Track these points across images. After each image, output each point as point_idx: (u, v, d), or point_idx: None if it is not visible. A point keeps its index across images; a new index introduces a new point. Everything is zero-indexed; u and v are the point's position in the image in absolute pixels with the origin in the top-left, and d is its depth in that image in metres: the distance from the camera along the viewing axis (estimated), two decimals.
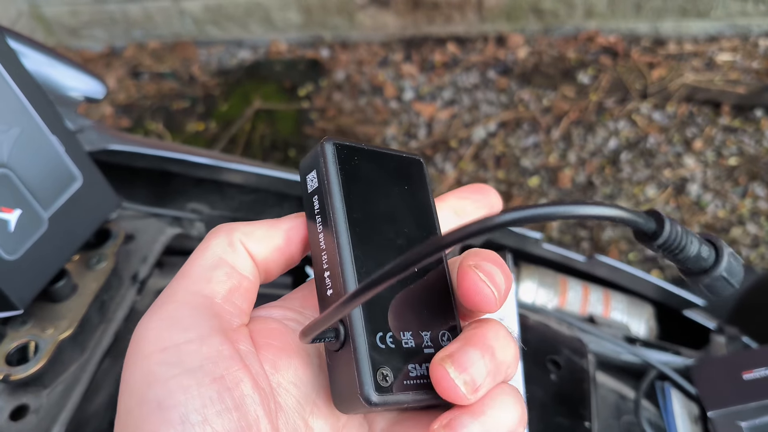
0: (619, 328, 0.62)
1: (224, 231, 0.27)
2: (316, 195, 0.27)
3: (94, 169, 0.50)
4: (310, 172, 0.28)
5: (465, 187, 0.31)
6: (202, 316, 0.24)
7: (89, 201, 0.49)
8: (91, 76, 0.60)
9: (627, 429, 0.55)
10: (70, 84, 0.59)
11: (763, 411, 0.54)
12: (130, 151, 0.57)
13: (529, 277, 0.63)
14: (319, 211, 0.27)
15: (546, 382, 0.51)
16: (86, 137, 0.58)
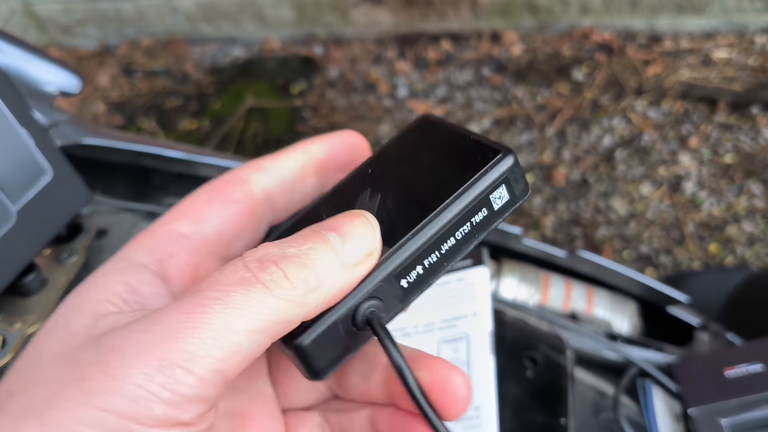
0: (601, 325, 0.61)
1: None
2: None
3: (65, 163, 0.49)
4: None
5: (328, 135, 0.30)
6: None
7: (59, 195, 0.48)
8: (66, 70, 0.59)
9: (605, 426, 0.54)
10: (45, 78, 0.59)
11: (744, 407, 0.53)
12: (104, 145, 0.56)
13: (510, 273, 0.62)
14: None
15: (522, 379, 0.50)
16: (60, 131, 0.57)
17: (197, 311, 0.19)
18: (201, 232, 0.25)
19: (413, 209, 0.24)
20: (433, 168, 0.25)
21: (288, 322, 0.20)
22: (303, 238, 0.22)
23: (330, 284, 0.21)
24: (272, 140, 1.90)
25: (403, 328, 0.49)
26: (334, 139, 0.29)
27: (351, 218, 0.23)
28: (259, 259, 0.20)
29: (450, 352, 0.46)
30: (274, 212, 0.28)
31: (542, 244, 0.61)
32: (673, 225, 1.54)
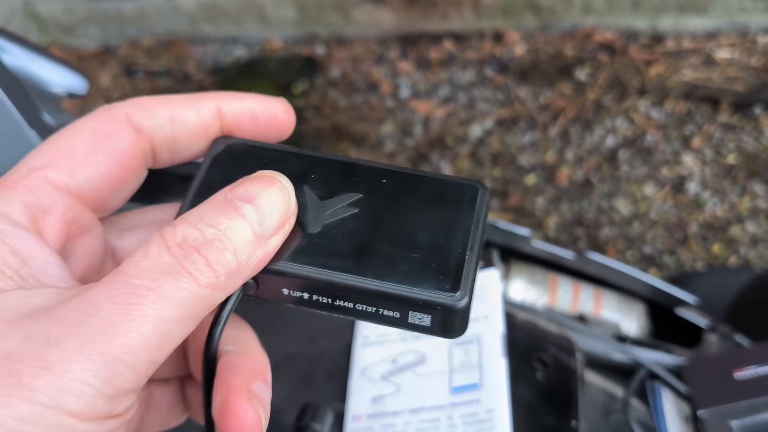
0: (609, 327, 0.61)
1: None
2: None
3: None
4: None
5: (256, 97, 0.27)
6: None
7: None
8: (73, 71, 0.59)
9: (616, 428, 0.54)
10: (52, 79, 0.58)
11: (754, 409, 0.53)
12: None
13: (518, 275, 0.62)
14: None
15: (532, 381, 0.50)
16: None
17: (133, 302, 0.19)
18: (77, 186, 0.23)
19: (366, 259, 0.23)
20: (407, 221, 0.25)
21: (211, 306, 0.21)
22: (218, 213, 0.21)
23: (248, 264, 0.21)
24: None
25: None
26: (257, 104, 0.26)
27: (266, 185, 0.22)
28: (180, 244, 0.20)
29: (461, 355, 0.46)
30: (155, 163, 0.26)
31: (550, 246, 0.61)
32: (677, 225, 1.54)
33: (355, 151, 1.82)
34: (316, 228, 0.24)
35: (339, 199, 0.25)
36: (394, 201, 0.25)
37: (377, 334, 0.50)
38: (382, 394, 0.46)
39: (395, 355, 0.48)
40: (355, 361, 0.48)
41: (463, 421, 0.43)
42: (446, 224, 0.24)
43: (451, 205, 0.25)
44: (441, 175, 0.26)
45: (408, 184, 0.25)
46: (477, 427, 0.43)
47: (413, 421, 0.44)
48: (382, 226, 0.24)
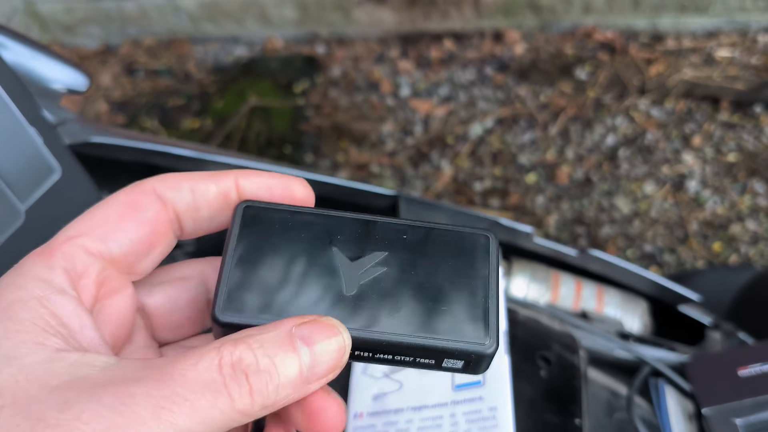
0: (612, 324, 0.61)
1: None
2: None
3: (74, 162, 0.49)
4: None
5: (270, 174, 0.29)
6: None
7: (68, 193, 0.48)
8: (73, 68, 0.59)
9: (619, 426, 0.53)
10: (53, 76, 0.58)
11: (759, 407, 0.53)
12: (112, 143, 0.56)
13: (520, 272, 0.62)
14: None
15: (536, 379, 0.50)
16: (68, 130, 0.57)
17: (166, 407, 0.20)
18: (109, 252, 0.25)
19: (402, 316, 0.25)
20: (441, 284, 0.27)
21: (235, 425, 0.22)
22: (278, 345, 0.22)
23: (282, 402, 0.22)
24: (275, 139, 1.90)
25: None
26: (273, 180, 0.28)
27: (328, 334, 0.23)
28: (233, 365, 0.21)
29: None
30: (182, 233, 0.27)
31: (553, 243, 0.60)
32: (677, 224, 1.53)
33: (356, 149, 1.82)
34: (352, 290, 0.26)
35: (368, 258, 0.26)
36: (417, 256, 0.27)
37: None
38: (384, 391, 0.46)
39: None
40: None
41: (466, 419, 0.43)
42: (466, 275, 0.27)
43: (468, 255, 0.27)
44: (455, 226, 0.28)
45: (426, 238, 0.27)
46: (480, 424, 0.42)
47: (416, 419, 0.44)
48: (410, 282, 0.26)
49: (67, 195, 0.48)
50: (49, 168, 0.47)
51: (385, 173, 1.75)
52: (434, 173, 1.72)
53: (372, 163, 1.78)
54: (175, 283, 0.28)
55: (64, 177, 0.48)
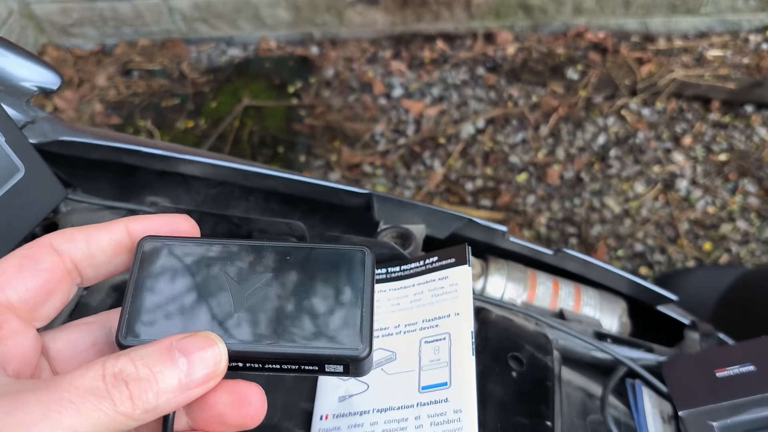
0: (590, 324, 0.60)
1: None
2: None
3: (39, 160, 0.48)
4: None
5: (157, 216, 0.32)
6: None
7: (33, 192, 0.47)
8: (44, 66, 0.58)
9: (593, 428, 0.53)
10: (23, 74, 0.58)
11: (736, 410, 0.52)
12: (82, 141, 0.55)
13: (497, 272, 0.61)
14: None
15: (506, 380, 0.49)
16: (38, 128, 0.56)
17: (54, 409, 0.23)
18: (7, 298, 0.27)
19: (286, 329, 0.28)
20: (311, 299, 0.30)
21: (122, 430, 0.24)
22: (157, 358, 0.25)
23: (166, 405, 0.25)
24: (268, 139, 1.90)
25: (385, 327, 0.48)
26: (160, 221, 0.31)
27: (203, 346, 0.26)
28: (116, 374, 0.24)
29: (431, 353, 0.45)
30: (83, 280, 0.30)
31: (528, 243, 0.60)
32: (668, 223, 1.53)
33: (348, 150, 1.81)
34: (239, 309, 0.29)
35: (254, 280, 0.30)
36: (300, 275, 0.30)
37: None
38: (351, 393, 0.46)
39: None
40: None
41: (431, 421, 0.42)
42: (344, 288, 0.30)
43: (346, 270, 0.30)
44: (334, 246, 0.31)
45: (308, 258, 0.31)
46: (444, 427, 0.42)
47: (380, 421, 0.43)
48: (292, 298, 0.29)
49: (32, 194, 0.47)
50: (12, 166, 0.47)
51: (378, 173, 1.75)
52: (426, 173, 1.72)
53: (364, 163, 1.77)
54: (78, 327, 0.30)
55: (27, 175, 0.47)
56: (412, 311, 0.49)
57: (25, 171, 0.47)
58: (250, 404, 0.28)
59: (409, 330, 0.48)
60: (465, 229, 0.59)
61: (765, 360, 0.53)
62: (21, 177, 0.46)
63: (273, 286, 0.29)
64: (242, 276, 0.30)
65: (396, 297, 0.50)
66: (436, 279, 0.50)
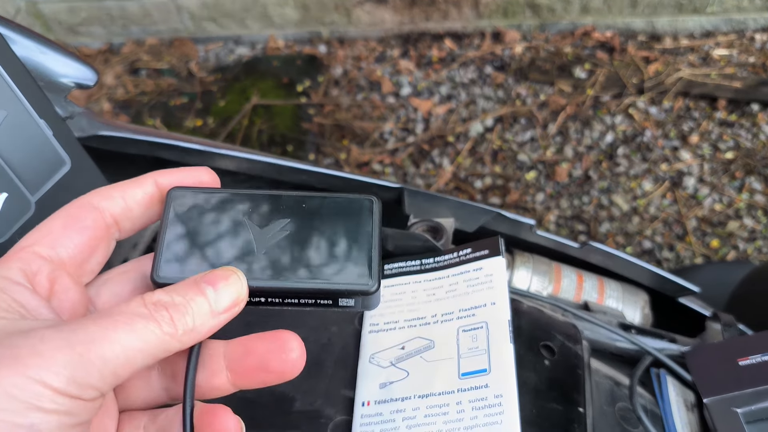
0: (613, 315, 0.62)
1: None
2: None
3: (84, 154, 0.49)
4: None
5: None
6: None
7: (78, 185, 0.49)
8: (81, 63, 0.59)
9: (622, 415, 0.54)
10: (61, 71, 0.59)
11: (759, 397, 0.53)
12: (120, 136, 0.57)
13: (523, 265, 0.62)
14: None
15: (539, 368, 0.50)
16: (77, 123, 0.57)
17: (110, 328, 0.26)
18: (58, 256, 0.30)
19: (303, 267, 0.32)
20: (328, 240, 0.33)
21: (167, 350, 0.27)
22: (189, 289, 0.29)
23: (201, 328, 0.28)
24: (277, 137, 1.91)
25: (423, 317, 0.49)
26: (184, 174, 0.34)
27: (226, 276, 0.29)
28: (155, 302, 0.27)
29: (469, 341, 0.47)
30: (121, 232, 0.33)
31: (555, 236, 0.61)
32: (675, 220, 1.54)
33: (357, 148, 1.82)
34: (261, 251, 0.32)
35: (274, 225, 0.32)
36: (314, 219, 0.33)
37: (384, 322, 0.50)
38: (391, 380, 0.47)
39: (403, 342, 0.48)
40: (364, 348, 0.49)
41: (472, 406, 0.44)
42: (354, 231, 0.33)
43: (356, 216, 0.33)
44: (345, 195, 0.34)
45: (321, 205, 0.34)
46: (486, 411, 0.43)
47: (422, 407, 0.44)
48: (308, 241, 0.32)
49: (77, 186, 0.49)
50: (59, 160, 0.48)
51: (387, 171, 1.76)
52: (435, 171, 1.73)
53: (373, 162, 1.78)
54: (118, 277, 0.33)
55: (73, 169, 0.48)
56: (448, 301, 0.50)
57: (72, 164, 0.48)
58: (291, 350, 0.30)
59: (446, 319, 0.49)
60: (493, 223, 0.61)
61: None
62: (68, 170, 0.48)
63: (290, 230, 0.32)
64: (262, 221, 0.33)
65: (432, 288, 0.51)
66: (470, 270, 0.51)
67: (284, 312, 0.51)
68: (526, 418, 0.46)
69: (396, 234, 0.53)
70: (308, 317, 0.51)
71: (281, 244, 0.32)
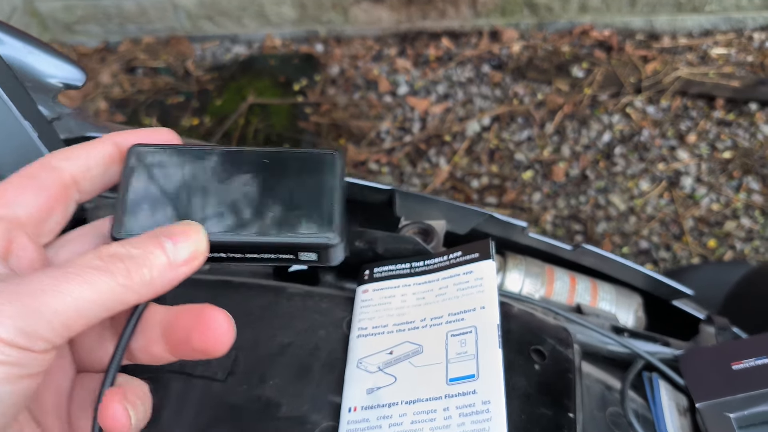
0: (606, 318, 0.61)
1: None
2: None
3: None
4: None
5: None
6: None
7: None
8: (70, 63, 0.59)
9: (613, 420, 0.54)
10: (49, 71, 0.58)
11: (753, 402, 0.53)
12: None
13: (515, 267, 0.62)
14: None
15: (529, 372, 0.50)
16: (65, 124, 0.57)
17: (62, 279, 0.26)
18: (15, 214, 0.30)
19: (265, 221, 0.31)
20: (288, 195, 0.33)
21: (123, 302, 0.27)
22: (146, 242, 0.28)
23: (159, 281, 0.28)
24: (274, 136, 1.90)
25: (412, 321, 0.49)
26: (144, 133, 0.34)
27: (185, 230, 0.29)
28: (111, 255, 0.27)
29: (458, 346, 0.46)
30: (81, 193, 0.32)
31: (547, 238, 0.60)
32: (672, 220, 1.54)
33: (354, 147, 1.82)
34: (222, 206, 0.31)
35: (235, 180, 0.32)
36: (276, 175, 0.33)
37: (373, 326, 0.50)
38: (378, 385, 0.46)
39: (392, 347, 0.48)
40: (352, 353, 0.48)
41: (459, 413, 0.43)
42: (316, 186, 0.33)
43: (318, 171, 0.33)
44: (307, 150, 0.34)
45: (284, 161, 0.33)
46: (473, 418, 0.42)
47: (409, 413, 0.44)
48: (270, 195, 0.32)
49: None
50: None
51: (383, 171, 1.76)
52: (432, 171, 1.73)
53: (370, 161, 1.78)
54: (77, 238, 0.32)
55: None
56: (438, 305, 0.49)
57: None
58: (215, 329, 0.29)
59: (435, 324, 0.48)
60: (485, 225, 0.60)
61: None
62: None
63: (252, 184, 0.32)
64: (223, 176, 0.32)
65: (421, 291, 0.51)
66: (460, 273, 0.50)
67: (272, 314, 0.50)
68: (515, 423, 0.46)
69: (386, 237, 0.53)
70: (296, 321, 0.50)
71: (242, 198, 0.32)
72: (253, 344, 0.48)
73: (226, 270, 0.54)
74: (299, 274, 0.53)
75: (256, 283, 0.53)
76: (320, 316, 0.50)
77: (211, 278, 0.52)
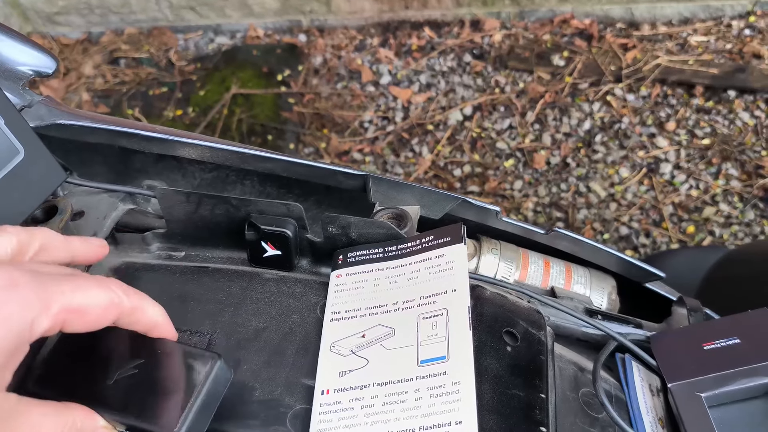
0: (580, 301, 0.62)
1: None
2: None
3: (38, 143, 0.49)
4: None
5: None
6: None
7: (32, 175, 0.48)
8: (40, 50, 0.59)
9: (585, 401, 0.54)
10: (19, 59, 0.58)
11: (723, 381, 0.54)
12: (80, 125, 0.56)
13: (490, 251, 0.62)
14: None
15: (502, 354, 0.50)
16: (35, 112, 0.57)
17: None
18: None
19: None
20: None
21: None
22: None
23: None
24: (257, 127, 1.89)
25: (384, 305, 0.49)
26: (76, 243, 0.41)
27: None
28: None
29: (429, 328, 0.47)
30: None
31: (521, 222, 0.61)
32: (652, 207, 1.55)
33: (337, 137, 1.82)
34: (111, 382, 0.37)
35: (127, 363, 0.38)
36: (161, 365, 0.38)
37: (346, 310, 0.50)
38: (351, 368, 0.47)
39: (364, 330, 0.48)
40: (325, 337, 0.49)
41: (429, 394, 0.44)
42: (184, 382, 0.37)
43: (190, 370, 0.38)
44: (191, 348, 0.39)
45: (170, 353, 0.39)
46: (443, 399, 0.43)
47: (380, 395, 0.44)
48: (144, 382, 0.37)
49: (32, 176, 0.48)
50: (12, 149, 0.47)
51: (366, 160, 1.76)
52: (415, 160, 1.73)
53: (353, 151, 1.78)
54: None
55: (27, 158, 0.48)
56: (410, 288, 0.50)
57: (25, 153, 0.47)
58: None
59: (407, 307, 0.49)
60: (459, 210, 0.60)
61: (750, 333, 0.54)
62: (21, 159, 0.47)
63: (137, 369, 0.38)
64: (119, 361, 0.38)
65: (393, 275, 0.51)
66: (432, 257, 0.51)
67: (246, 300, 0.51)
68: (487, 405, 0.46)
69: (359, 222, 0.53)
70: (271, 306, 0.50)
71: (125, 380, 0.37)
72: (227, 329, 0.48)
73: (202, 257, 0.54)
74: (274, 260, 0.53)
75: (231, 269, 0.53)
76: (294, 300, 0.51)
77: (186, 264, 0.52)
